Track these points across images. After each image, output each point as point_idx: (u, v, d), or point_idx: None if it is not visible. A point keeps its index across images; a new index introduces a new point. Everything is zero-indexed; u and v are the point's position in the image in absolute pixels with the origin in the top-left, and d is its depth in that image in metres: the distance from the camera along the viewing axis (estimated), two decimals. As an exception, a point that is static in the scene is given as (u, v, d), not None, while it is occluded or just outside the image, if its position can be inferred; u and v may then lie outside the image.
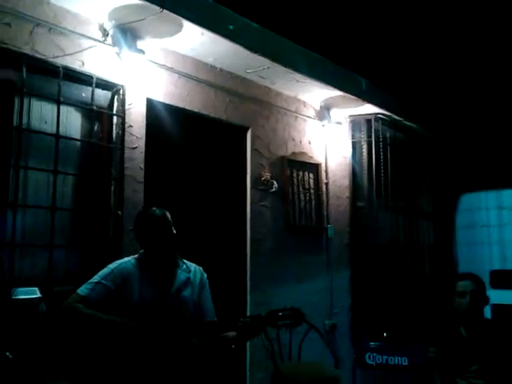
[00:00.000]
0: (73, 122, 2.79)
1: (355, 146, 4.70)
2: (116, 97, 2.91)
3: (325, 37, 4.60)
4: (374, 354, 3.61)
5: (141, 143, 3.00)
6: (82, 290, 2.12)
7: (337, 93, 4.10)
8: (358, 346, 3.87)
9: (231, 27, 3.14)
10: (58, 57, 2.61)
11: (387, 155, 4.76)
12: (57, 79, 2.63)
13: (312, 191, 4.25)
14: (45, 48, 2.58)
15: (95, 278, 2.16)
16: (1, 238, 2.49)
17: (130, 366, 2.05)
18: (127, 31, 2.82)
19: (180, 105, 3.25)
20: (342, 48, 4.66)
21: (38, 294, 2.44)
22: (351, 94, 4.15)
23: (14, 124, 2.52)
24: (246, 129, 3.77)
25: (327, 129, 4.41)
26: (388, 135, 4.82)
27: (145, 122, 3.03)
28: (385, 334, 3.97)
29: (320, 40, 4.32)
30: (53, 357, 2.27)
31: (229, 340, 2.18)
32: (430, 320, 4.53)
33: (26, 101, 2.56)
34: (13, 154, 2.51)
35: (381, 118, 4.67)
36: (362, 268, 4.50)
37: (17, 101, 2.54)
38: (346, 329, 4.35)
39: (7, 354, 2.06)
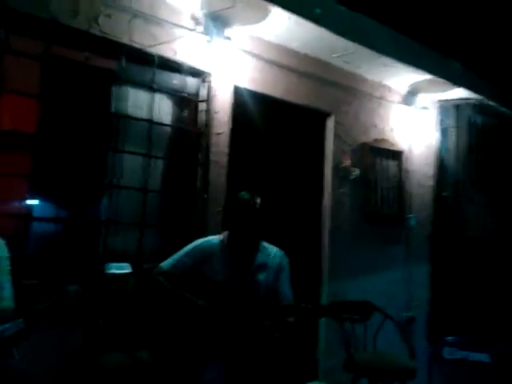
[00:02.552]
0: (164, 108, 2.93)
1: (443, 132, 4.48)
2: (204, 84, 3.01)
3: (413, 18, 4.37)
4: (454, 349, 3.49)
5: (226, 129, 3.08)
6: (165, 263, 2.29)
7: (425, 77, 3.91)
8: (435, 339, 3.76)
9: (318, 10, 3.09)
10: (152, 46, 2.74)
11: (478, 143, 4.49)
12: (151, 67, 2.77)
13: (394, 179, 4.13)
14: (141, 38, 2.72)
15: (178, 254, 2.31)
16: (97, 216, 2.70)
17: (198, 342, 2.13)
18: (217, 19, 2.88)
19: (264, 91, 3.29)
20: (432, 29, 4.40)
21: (129, 269, 2.64)
22: (442, 77, 3.94)
23: (112, 110, 2.70)
24: (328, 114, 3.73)
25: (412, 114, 4.23)
26: (479, 121, 4.53)
27: (230, 108, 3.10)
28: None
29: (408, 21, 4.11)
30: (138, 327, 2.45)
31: (290, 326, 2.16)
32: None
33: (123, 88, 2.73)
34: (111, 138, 2.70)
35: (472, 104, 4.39)
36: (444, 261, 4.32)
37: (115, 88, 2.71)
38: (423, 323, 4.23)
39: (100, 321, 2.25)
